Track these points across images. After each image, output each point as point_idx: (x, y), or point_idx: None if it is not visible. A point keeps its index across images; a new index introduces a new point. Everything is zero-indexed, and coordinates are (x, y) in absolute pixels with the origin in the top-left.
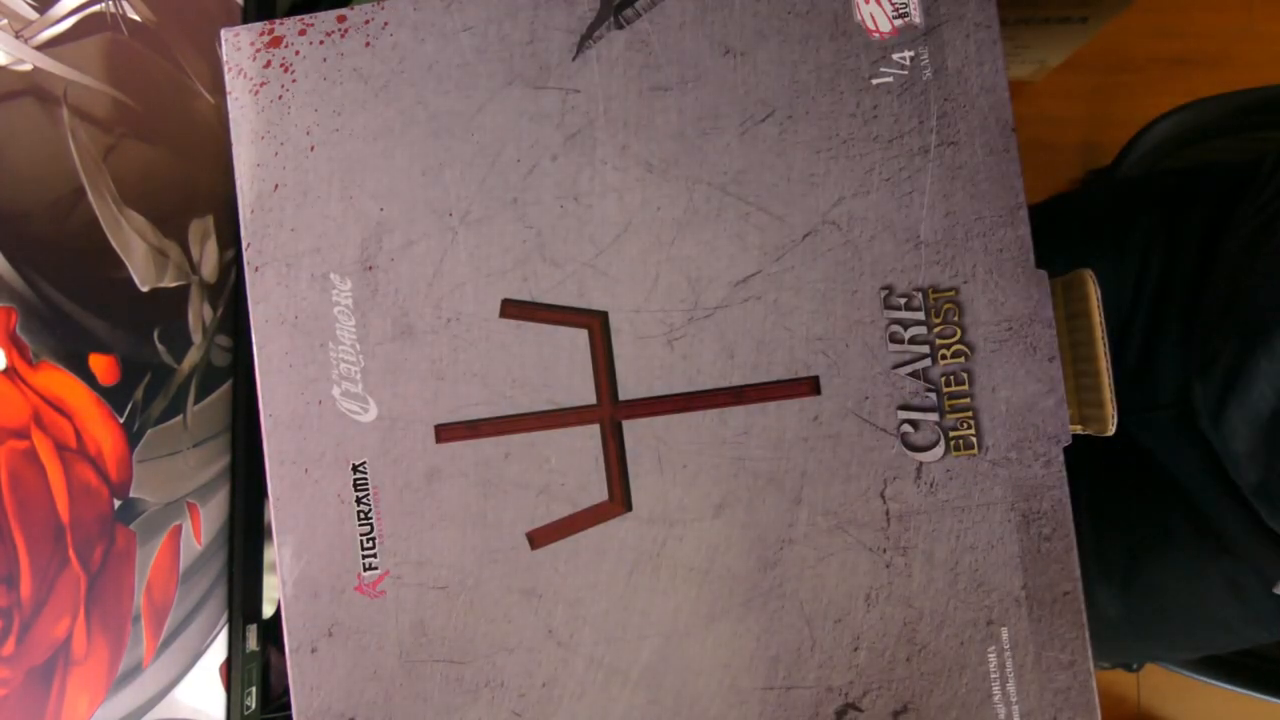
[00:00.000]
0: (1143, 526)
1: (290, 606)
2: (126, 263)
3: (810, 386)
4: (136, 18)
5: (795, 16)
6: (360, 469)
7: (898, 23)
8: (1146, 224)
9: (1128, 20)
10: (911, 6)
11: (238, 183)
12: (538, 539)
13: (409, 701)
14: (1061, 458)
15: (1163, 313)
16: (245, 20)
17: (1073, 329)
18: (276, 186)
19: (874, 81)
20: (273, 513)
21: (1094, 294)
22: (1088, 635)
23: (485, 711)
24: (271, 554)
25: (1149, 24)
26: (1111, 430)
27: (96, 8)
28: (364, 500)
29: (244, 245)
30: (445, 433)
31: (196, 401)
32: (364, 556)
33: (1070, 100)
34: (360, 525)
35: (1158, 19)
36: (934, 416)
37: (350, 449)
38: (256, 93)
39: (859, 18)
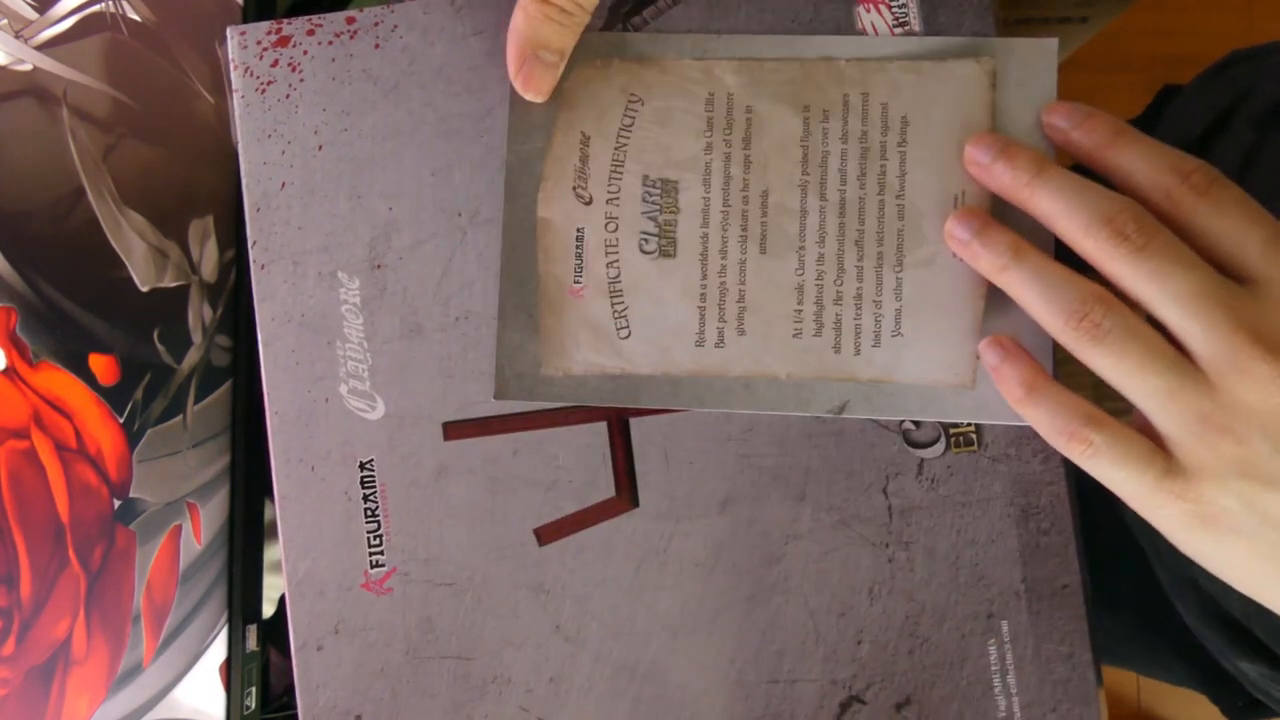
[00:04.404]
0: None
1: (296, 604)
2: (126, 263)
3: None
4: (136, 18)
5: (799, 25)
6: (367, 466)
7: (898, 31)
8: None
9: (1128, 20)
10: (911, 15)
11: (243, 180)
12: (545, 535)
13: (416, 698)
14: (1060, 454)
15: None
16: (245, 20)
17: None
18: (283, 185)
19: None
20: (279, 510)
21: None
22: (1087, 627)
23: (493, 707)
24: (273, 553)
25: (1149, 24)
26: None
27: (96, 8)
28: (371, 497)
29: (250, 243)
30: (453, 430)
31: (196, 401)
32: (371, 554)
33: (1070, 100)
34: (367, 522)
35: (1158, 19)
36: None
37: (357, 446)
38: (263, 91)
39: (860, 25)
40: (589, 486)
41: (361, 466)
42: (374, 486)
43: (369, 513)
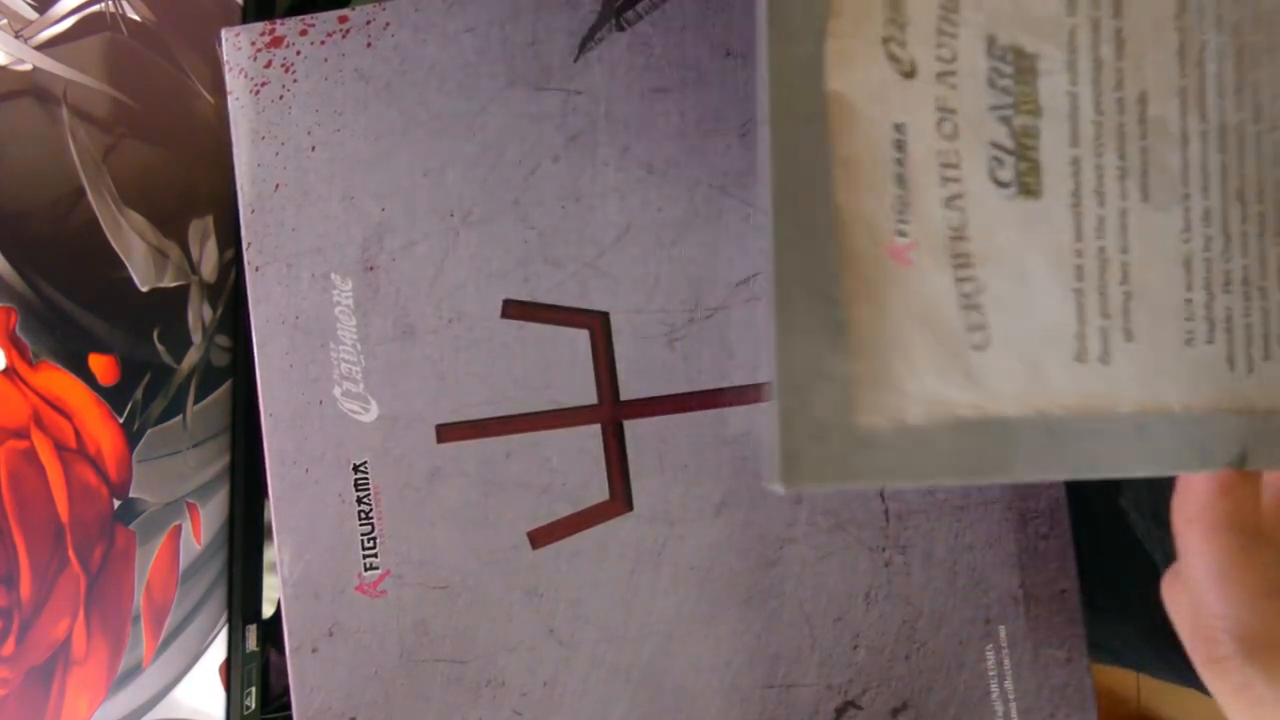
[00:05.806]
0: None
1: (290, 606)
2: (126, 263)
3: None
4: (136, 18)
5: None
6: (361, 469)
7: None
8: None
9: None
10: None
11: (238, 182)
12: (539, 538)
13: (410, 701)
14: None
15: None
16: (245, 20)
17: None
18: (277, 186)
19: None
20: (273, 513)
21: None
22: (1084, 632)
23: (487, 711)
24: (271, 554)
25: None
26: None
27: (96, 8)
28: (365, 500)
29: (244, 245)
30: (447, 432)
31: (196, 401)
32: (365, 556)
33: None
34: (361, 525)
35: None
36: None
37: (351, 449)
38: (257, 93)
39: None
40: (583, 489)
41: (355, 469)
42: (368, 489)
43: (363, 515)
